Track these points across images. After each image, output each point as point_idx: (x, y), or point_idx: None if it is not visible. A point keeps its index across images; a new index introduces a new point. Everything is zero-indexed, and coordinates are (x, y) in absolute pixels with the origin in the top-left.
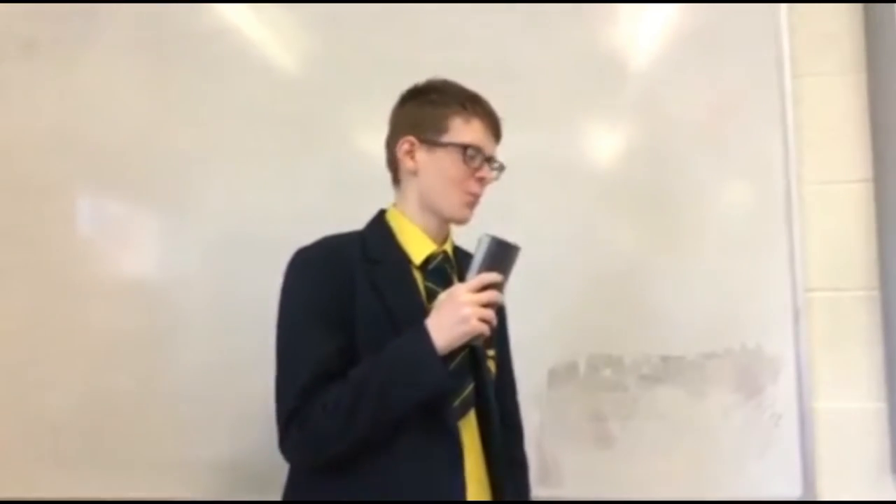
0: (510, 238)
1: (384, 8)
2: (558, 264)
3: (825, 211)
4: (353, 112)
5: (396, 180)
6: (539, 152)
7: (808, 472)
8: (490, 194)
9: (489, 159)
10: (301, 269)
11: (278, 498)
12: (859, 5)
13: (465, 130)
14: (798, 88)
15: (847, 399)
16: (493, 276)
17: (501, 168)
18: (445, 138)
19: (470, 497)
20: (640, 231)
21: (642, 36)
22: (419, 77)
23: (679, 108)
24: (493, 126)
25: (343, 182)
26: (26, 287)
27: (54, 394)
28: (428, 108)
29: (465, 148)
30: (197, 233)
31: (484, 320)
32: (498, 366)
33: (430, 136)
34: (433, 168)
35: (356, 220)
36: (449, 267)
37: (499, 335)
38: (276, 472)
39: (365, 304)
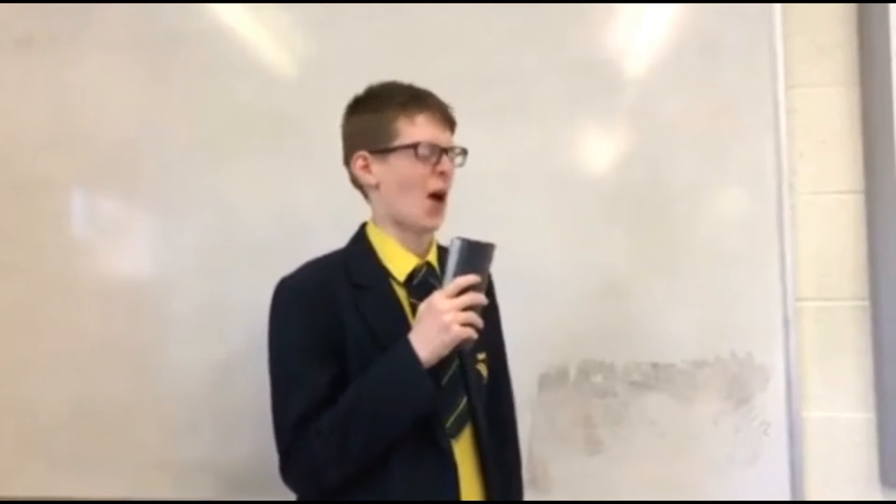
0: (501, 242)
1: (380, 9)
2: (551, 269)
3: (817, 221)
4: None
5: (366, 195)
6: (531, 157)
7: (796, 481)
8: (483, 198)
9: (447, 150)
10: (288, 302)
11: (265, 499)
12: (854, 17)
13: (411, 130)
14: (791, 99)
15: (836, 409)
16: (468, 279)
17: (464, 153)
18: (394, 143)
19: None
20: (633, 237)
21: (636, 44)
22: (414, 79)
23: (672, 116)
24: (443, 116)
25: (335, 185)
26: (16, 286)
27: (44, 393)
28: (371, 117)
29: (414, 147)
30: (188, 233)
31: (467, 324)
32: (490, 367)
33: (380, 145)
34: (390, 177)
35: (347, 224)
36: (433, 279)
37: (492, 336)
38: (263, 474)
39: (353, 332)
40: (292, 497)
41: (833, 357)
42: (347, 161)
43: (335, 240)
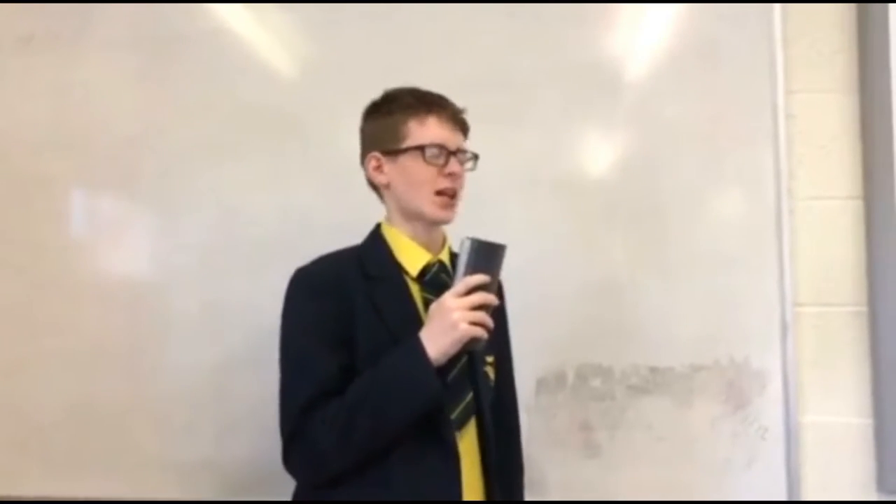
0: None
1: (380, 10)
2: (549, 273)
3: (815, 226)
4: (346, 115)
5: (380, 196)
6: (529, 161)
7: (793, 486)
8: (481, 202)
9: (456, 153)
10: (302, 290)
11: (265, 498)
12: (853, 23)
13: (421, 132)
14: (791, 104)
15: (833, 414)
16: (478, 279)
17: (475, 157)
18: (403, 144)
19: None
20: (631, 242)
21: (636, 48)
22: (414, 81)
23: (672, 121)
24: (454, 119)
25: (335, 185)
26: (15, 285)
27: (43, 393)
28: (384, 119)
29: (422, 148)
30: (188, 233)
31: (476, 323)
32: (497, 369)
33: (391, 146)
34: (400, 176)
35: (348, 224)
36: (446, 276)
37: (498, 338)
38: (263, 473)
39: (365, 323)
40: (290, 496)
41: (831, 362)
42: (364, 162)
43: (335, 240)
